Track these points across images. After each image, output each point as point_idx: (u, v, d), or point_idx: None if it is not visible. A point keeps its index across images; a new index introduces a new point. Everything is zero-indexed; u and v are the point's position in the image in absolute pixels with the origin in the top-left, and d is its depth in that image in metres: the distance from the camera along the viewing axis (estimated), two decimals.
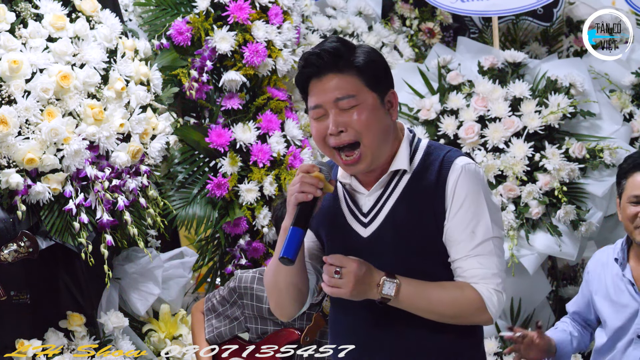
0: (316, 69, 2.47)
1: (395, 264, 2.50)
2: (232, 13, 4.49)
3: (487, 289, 2.48)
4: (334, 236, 2.59)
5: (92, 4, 3.86)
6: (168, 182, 4.48)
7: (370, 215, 2.54)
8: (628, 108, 4.97)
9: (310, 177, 2.46)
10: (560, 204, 4.48)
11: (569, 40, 5.63)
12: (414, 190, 2.51)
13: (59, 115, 3.57)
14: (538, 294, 4.78)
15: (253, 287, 3.78)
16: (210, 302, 3.87)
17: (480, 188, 2.51)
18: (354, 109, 2.45)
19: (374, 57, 2.50)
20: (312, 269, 2.64)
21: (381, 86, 2.49)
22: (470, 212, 2.48)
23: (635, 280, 3.57)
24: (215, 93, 4.62)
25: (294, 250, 2.42)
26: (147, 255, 3.95)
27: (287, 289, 2.58)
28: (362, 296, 2.46)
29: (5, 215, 3.53)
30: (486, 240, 2.49)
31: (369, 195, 2.55)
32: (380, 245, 2.52)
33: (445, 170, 2.50)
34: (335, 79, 2.46)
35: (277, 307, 2.65)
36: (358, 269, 2.43)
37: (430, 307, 2.48)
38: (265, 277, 2.63)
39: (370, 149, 2.47)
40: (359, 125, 2.45)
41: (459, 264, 2.50)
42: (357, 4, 5.68)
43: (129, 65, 3.88)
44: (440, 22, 5.95)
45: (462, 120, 4.66)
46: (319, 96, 2.47)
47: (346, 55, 2.46)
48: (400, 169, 2.52)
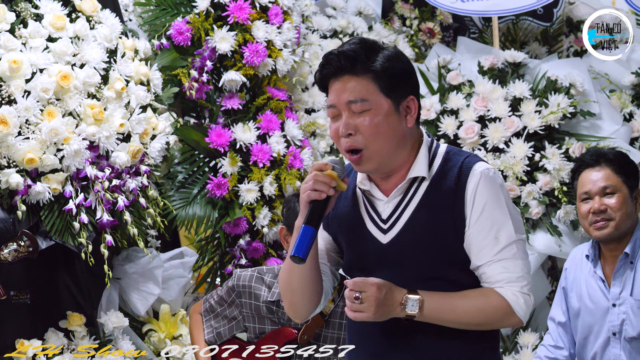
0: (334, 70, 2.47)
1: (414, 271, 2.49)
2: (232, 13, 4.49)
3: (513, 292, 2.49)
4: (353, 242, 2.58)
5: (92, 4, 3.86)
6: (168, 182, 4.47)
7: (390, 222, 2.53)
8: (628, 108, 4.97)
9: (323, 175, 2.45)
10: (560, 204, 4.48)
11: (569, 40, 5.62)
12: (433, 197, 2.50)
13: (59, 115, 3.57)
14: (538, 294, 4.78)
15: (251, 286, 3.78)
16: (208, 302, 3.86)
17: (501, 192, 2.50)
18: (366, 114, 2.45)
19: (394, 63, 2.48)
20: (327, 271, 2.63)
21: (398, 92, 2.48)
22: (491, 218, 2.47)
23: (605, 277, 3.58)
24: (215, 93, 4.62)
25: (305, 249, 2.41)
26: (147, 255, 3.95)
27: (302, 290, 2.56)
28: (387, 317, 2.45)
29: (5, 215, 3.53)
30: (509, 244, 2.49)
31: (387, 202, 2.53)
32: (400, 252, 2.50)
33: (464, 176, 2.49)
34: (352, 81, 2.46)
35: (291, 307, 2.63)
36: (378, 291, 2.42)
37: (457, 318, 2.48)
38: (280, 278, 2.62)
39: (377, 154, 2.46)
40: (368, 130, 2.45)
41: (483, 270, 2.49)
42: (357, 4, 5.68)
43: (129, 65, 3.88)
44: (440, 22, 5.95)
45: (462, 120, 4.67)
46: (334, 96, 2.48)
47: (364, 59, 2.45)
48: (419, 176, 2.51)
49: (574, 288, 3.66)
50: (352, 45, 2.48)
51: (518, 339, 4.59)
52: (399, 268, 2.50)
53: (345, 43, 2.51)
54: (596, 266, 3.60)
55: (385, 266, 2.51)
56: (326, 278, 2.62)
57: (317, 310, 2.64)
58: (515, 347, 4.60)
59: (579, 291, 3.64)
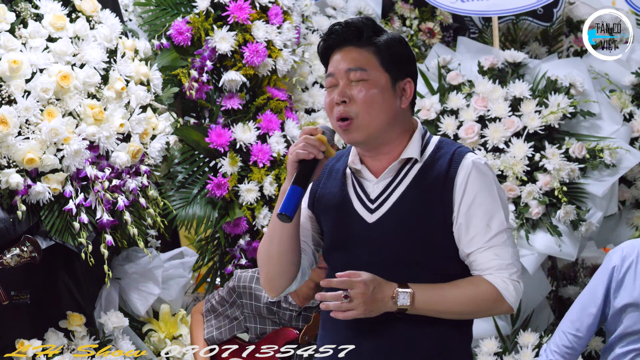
0: (338, 40, 2.52)
1: (396, 254, 2.50)
2: (232, 13, 4.49)
3: (502, 280, 2.50)
4: (338, 221, 2.59)
5: (92, 4, 3.86)
6: (168, 182, 4.47)
7: (378, 202, 2.55)
8: (628, 108, 4.97)
9: (313, 138, 2.48)
10: (560, 204, 4.48)
11: (569, 40, 5.62)
12: (424, 179, 2.53)
13: (59, 115, 3.57)
14: (538, 294, 4.78)
15: (252, 287, 3.79)
16: (210, 303, 3.87)
17: (492, 182, 2.54)
18: (362, 84, 2.50)
19: (397, 43, 2.55)
20: (307, 249, 2.65)
21: (397, 70, 2.53)
22: (484, 206, 2.50)
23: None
24: (215, 93, 4.62)
25: (292, 208, 2.44)
26: (147, 255, 3.95)
27: (279, 258, 2.58)
28: (378, 312, 2.45)
29: (5, 215, 3.53)
30: (501, 232, 2.51)
31: (377, 182, 2.56)
32: (385, 232, 2.52)
33: (455, 163, 2.53)
34: (354, 52, 2.51)
35: (267, 280, 2.63)
36: (366, 287, 2.42)
37: (448, 309, 2.50)
38: (259, 251, 2.63)
39: (367, 125, 2.49)
40: (361, 100, 2.49)
41: (474, 257, 2.51)
42: (357, 4, 5.68)
43: (129, 65, 3.88)
44: (440, 22, 5.94)
45: (462, 120, 4.66)
46: (334, 65, 2.53)
47: (369, 33, 2.52)
48: (412, 157, 2.54)
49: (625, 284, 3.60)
50: (360, 19, 2.55)
51: (518, 339, 4.59)
52: (381, 250, 2.51)
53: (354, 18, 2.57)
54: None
55: (368, 248, 2.52)
56: (305, 256, 2.64)
57: (292, 288, 2.64)
58: (515, 347, 4.60)
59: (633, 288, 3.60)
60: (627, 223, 4.94)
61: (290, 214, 2.44)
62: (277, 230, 2.56)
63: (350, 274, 2.44)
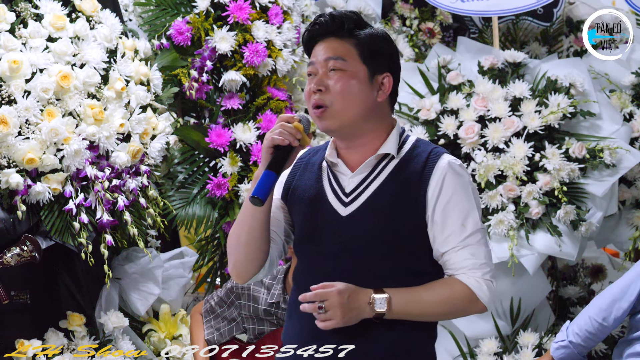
0: (321, 30, 2.57)
1: (366, 250, 2.52)
2: (232, 13, 4.49)
3: (475, 279, 2.53)
4: (311, 213, 2.61)
5: (92, 4, 3.86)
6: (168, 182, 4.47)
7: (353, 195, 2.57)
8: (628, 108, 4.96)
9: (290, 126, 2.53)
10: (560, 204, 4.48)
11: (569, 40, 5.62)
12: (399, 175, 2.56)
13: (59, 115, 3.57)
14: (538, 294, 4.78)
15: (250, 288, 3.79)
16: (209, 304, 3.87)
17: (468, 182, 2.58)
18: (340, 73, 2.54)
19: (378, 38, 2.59)
20: (277, 239, 2.67)
21: (376, 64, 2.56)
22: (459, 206, 2.53)
23: None
24: (215, 93, 4.62)
25: (266, 192, 2.49)
26: (147, 255, 3.95)
27: (248, 245, 2.60)
28: (357, 319, 2.48)
29: (5, 215, 3.53)
30: (475, 231, 2.55)
31: (353, 177, 2.59)
32: (357, 226, 2.54)
33: (431, 162, 2.56)
34: (335, 42, 2.56)
35: (234, 265, 2.65)
36: (340, 296, 2.45)
37: (424, 311, 2.52)
38: (229, 237, 2.66)
39: (339, 114, 2.53)
40: (336, 89, 2.53)
41: (448, 257, 2.54)
42: (357, 4, 5.67)
43: (129, 65, 3.88)
44: (440, 22, 5.94)
45: (462, 120, 4.66)
46: (315, 54, 2.58)
47: (352, 26, 2.56)
48: (389, 153, 2.58)
49: None
50: (345, 12, 2.59)
51: (518, 339, 4.59)
52: (353, 243, 2.53)
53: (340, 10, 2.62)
54: None
55: (339, 241, 2.54)
56: (274, 245, 2.65)
57: (259, 276, 2.66)
58: (515, 347, 4.60)
59: None
60: (627, 223, 4.94)
61: (262, 197, 2.48)
62: (247, 216, 2.59)
63: (324, 285, 2.46)
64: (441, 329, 4.69)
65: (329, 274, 2.53)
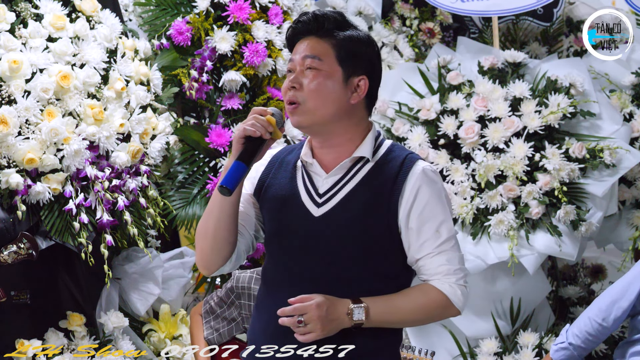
0: (303, 29, 2.59)
1: (337, 251, 2.54)
2: (232, 13, 4.49)
3: (450, 285, 2.56)
4: (283, 212, 2.63)
5: (92, 4, 3.87)
6: (168, 182, 4.48)
7: (326, 196, 2.59)
8: (628, 108, 4.96)
9: (262, 118, 2.55)
10: (560, 204, 4.48)
11: (569, 40, 5.62)
12: (373, 179, 2.58)
13: (59, 115, 3.57)
14: (538, 294, 4.78)
15: (250, 287, 3.78)
16: (208, 304, 3.86)
17: (441, 189, 2.61)
18: (315, 72, 2.56)
19: (358, 41, 2.60)
20: (245, 233, 2.68)
21: (352, 67, 2.57)
22: (434, 213, 2.57)
23: None
24: (215, 93, 4.62)
25: (235, 182, 2.50)
26: (147, 255, 3.95)
27: (215, 235, 2.62)
28: (337, 330, 2.51)
29: (5, 215, 3.53)
30: (449, 238, 2.58)
31: (327, 178, 2.61)
32: (330, 226, 2.56)
33: (406, 168, 2.58)
34: (314, 41, 2.58)
35: (201, 257, 2.67)
36: (319, 309, 2.48)
37: (401, 319, 2.57)
38: (198, 227, 2.68)
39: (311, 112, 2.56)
40: (310, 87, 2.55)
41: (423, 262, 2.57)
42: (357, 4, 5.68)
43: (129, 65, 3.88)
44: (440, 22, 5.94)
45: (462, 120, 4.66)
46: (295, 51, 2.60)
47: (331, 26, 2.58)
48: (364, 156, 2.59)
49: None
50: (327, 11, 2.61)
51: (518, 339, 4.59)
52: (324, 244, 2.55)
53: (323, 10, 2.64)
54: None
55: (311, 240, 2.56)
56: (242, 239, 2.67)
57: (225, 269, 2.67)
58: (515, 347, 4.60)
59: None
60: (627, 223, 4.94)
61: (231, 187, 2.49)
62: (216, 206, 2.60)
63: (302, 299, 2.49)
64: (441, 329, 4.69)
65: (298, 273, 2.57)
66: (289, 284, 2.57)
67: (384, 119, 4.91)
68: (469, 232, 4.54)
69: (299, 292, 2.53)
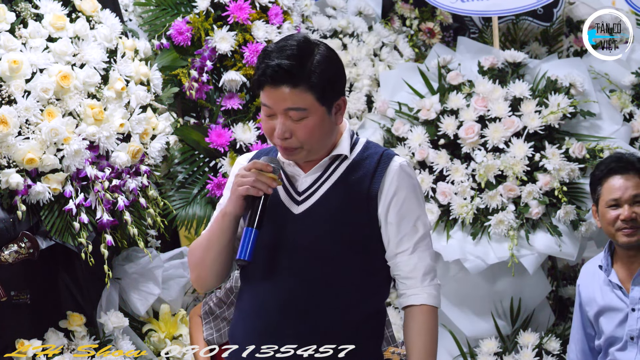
0: (271, 81, 2.53)
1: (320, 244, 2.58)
2: (232, 13, 4.49)
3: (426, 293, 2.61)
4: None
5: (92, 4, 3.86)
6: (168, 182, 4.48)
7: (306, 194, 2.62)
8: (628, 108, 4.97)
9: (265, 176, 2.56)
10: (560, 204, 4.48)
11: (569, 40, 5.62)
12: (352, 175, 2.62)
13: (59, 115, 3.57)
14: (538, 294, 4.78)
15: None
16: (207, 305, 3.86)
17: (417, 184, 2.67)
18: (302, 120, 2.55)
19: (327, 70, 2.56)
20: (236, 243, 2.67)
21: (331, 97, 2.58)
22: (411, 208, 2.62)
23: (621, 283, 3.60)
24: (215, 93, 4.62)
25: (251, 251, 2.53)
26: (147, 255, 3.95)
27: (212, 264, 2.65)
28: None
29: (5, 215, 3.53)
30: (425, 234, 2.64)
31: (306, 177, 2.64)
32: (310, 224, 2.59)
33: (384, 164, 2.62)
34: (289, 91, 2.53)
35: (198, 281, 2.70)
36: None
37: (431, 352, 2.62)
38: (192, 252, 2.69)
39: (309, 150, 2.59)
40: (304, 135, 2.55)
41: (400, 259, 2.61)
42: (357, 4, 5.67)
43: (129, 65, 3.88)
44: (440, 22, 5.94)
45: (462, 120, 4.66)
46: (272, 101, 2.56)
47: (301, 73, 2.52)
48: (342, 154, 2.63)
49: (590, 302, 3.70)
50: (287, 60, 2.52)
51: (518, 339, 4.59)
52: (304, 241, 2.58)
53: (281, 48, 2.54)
54: (610, 274, 3.64)
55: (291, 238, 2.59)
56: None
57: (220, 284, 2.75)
58: (515, 347, 4.60)
59: (595, 302, 3.67)
60: None
61: (249, 259, 2.53)
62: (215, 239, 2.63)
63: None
64: (441, 329, 4.69)
65: (278, 272, 2.60)
66: (271, 282, 2.60)
67: (384, 119, 4.91)
68: (469, 232, 4.55)
69: (279, 288, 2.57)
